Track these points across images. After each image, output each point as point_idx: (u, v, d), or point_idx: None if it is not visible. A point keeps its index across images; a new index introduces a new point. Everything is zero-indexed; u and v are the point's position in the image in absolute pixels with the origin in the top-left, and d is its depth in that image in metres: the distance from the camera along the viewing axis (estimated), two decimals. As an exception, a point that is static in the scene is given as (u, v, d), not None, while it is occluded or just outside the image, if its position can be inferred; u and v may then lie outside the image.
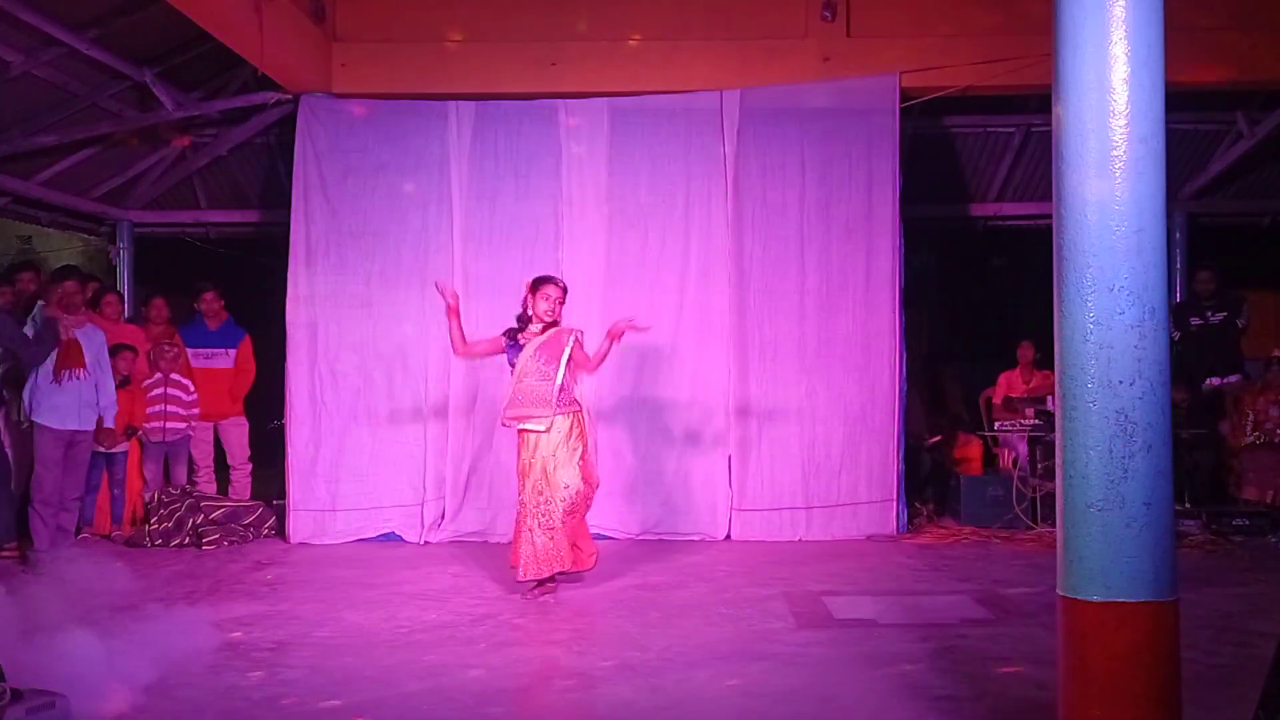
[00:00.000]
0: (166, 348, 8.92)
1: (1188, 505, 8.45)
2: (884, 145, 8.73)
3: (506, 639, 5.59)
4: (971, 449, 10.06)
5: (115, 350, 8.58)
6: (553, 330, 6.50)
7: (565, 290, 6.60)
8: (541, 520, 6.33)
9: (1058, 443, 3.53)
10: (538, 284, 6.55)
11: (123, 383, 8.56)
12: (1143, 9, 3.42)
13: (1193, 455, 8.81)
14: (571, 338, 6.48)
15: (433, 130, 8.81)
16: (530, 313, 6.52)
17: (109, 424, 8.08)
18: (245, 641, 5.51)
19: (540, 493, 6.35)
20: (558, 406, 6.37)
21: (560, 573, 6.45)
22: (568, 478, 6.38)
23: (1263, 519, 8.43)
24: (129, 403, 8.61)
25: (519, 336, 6.53)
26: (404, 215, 8.77)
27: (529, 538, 6.34)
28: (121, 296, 9.63)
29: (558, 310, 6.52)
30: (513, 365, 6.50)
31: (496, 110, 8.83)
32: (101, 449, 8.30)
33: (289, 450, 8.61)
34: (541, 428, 6.37)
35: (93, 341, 7.93)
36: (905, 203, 8.85)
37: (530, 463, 6.40)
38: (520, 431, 6.46)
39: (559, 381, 6.38)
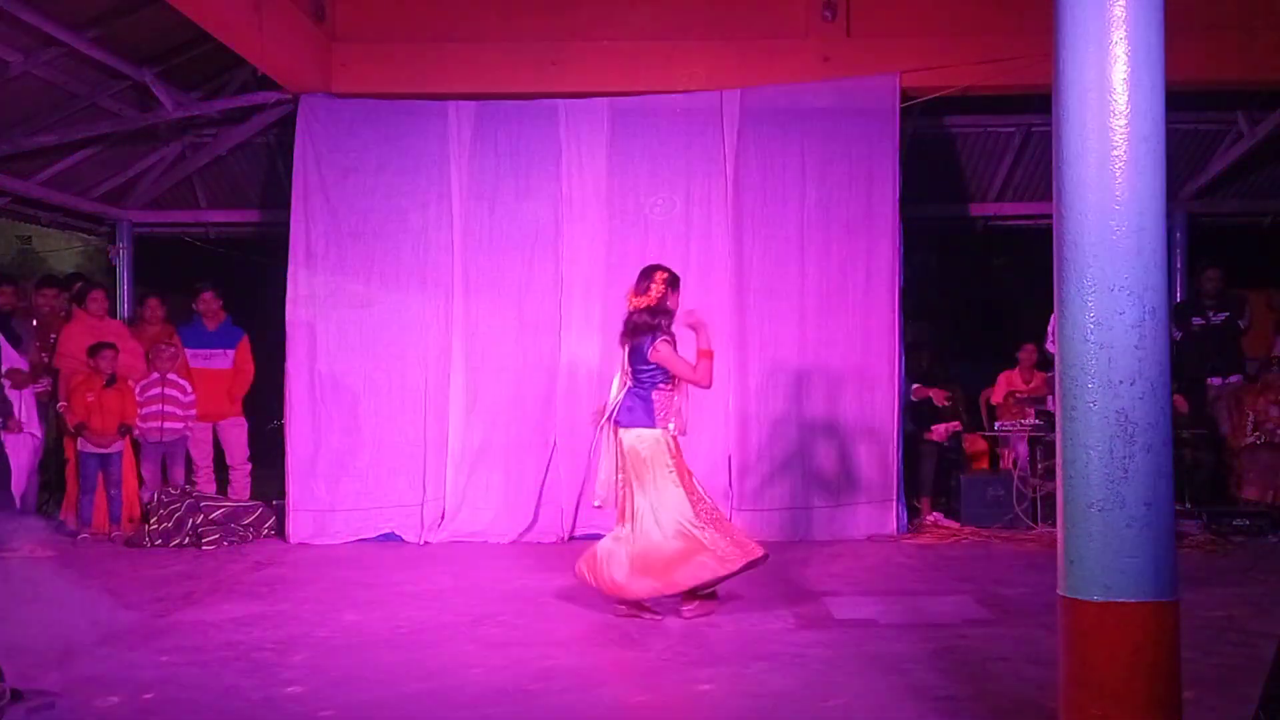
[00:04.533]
0: (164, 348, 8.92)
1: (1188, 505, 8.45)
2: (884, 145, 8.73)
3: (506, 639, 5.59)
4: (978, 448, 10.03)
5: (96, 349, 8.61)
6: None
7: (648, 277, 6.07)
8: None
9: (1058, 443, 3.53)
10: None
11: (109, 381, 8.58)
12: (1143, 9, 3.42)
13: (1193, 455, 8.81)
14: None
15: (432, 130, 8.81)
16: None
17: None
18: (245, 641, 5.51)
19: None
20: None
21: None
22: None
23: (1263, 519, 8.42)
24: (119, 401, 8.63)
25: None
26: (404, 215, 8.77)
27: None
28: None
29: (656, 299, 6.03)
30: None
31: (496, 110, 8.83)
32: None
33: (289, 450, 8.61)
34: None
35: None
36: (905, 203, 8.85)
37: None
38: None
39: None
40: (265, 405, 9.86)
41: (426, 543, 8.39)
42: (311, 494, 8.53)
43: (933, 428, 9.51)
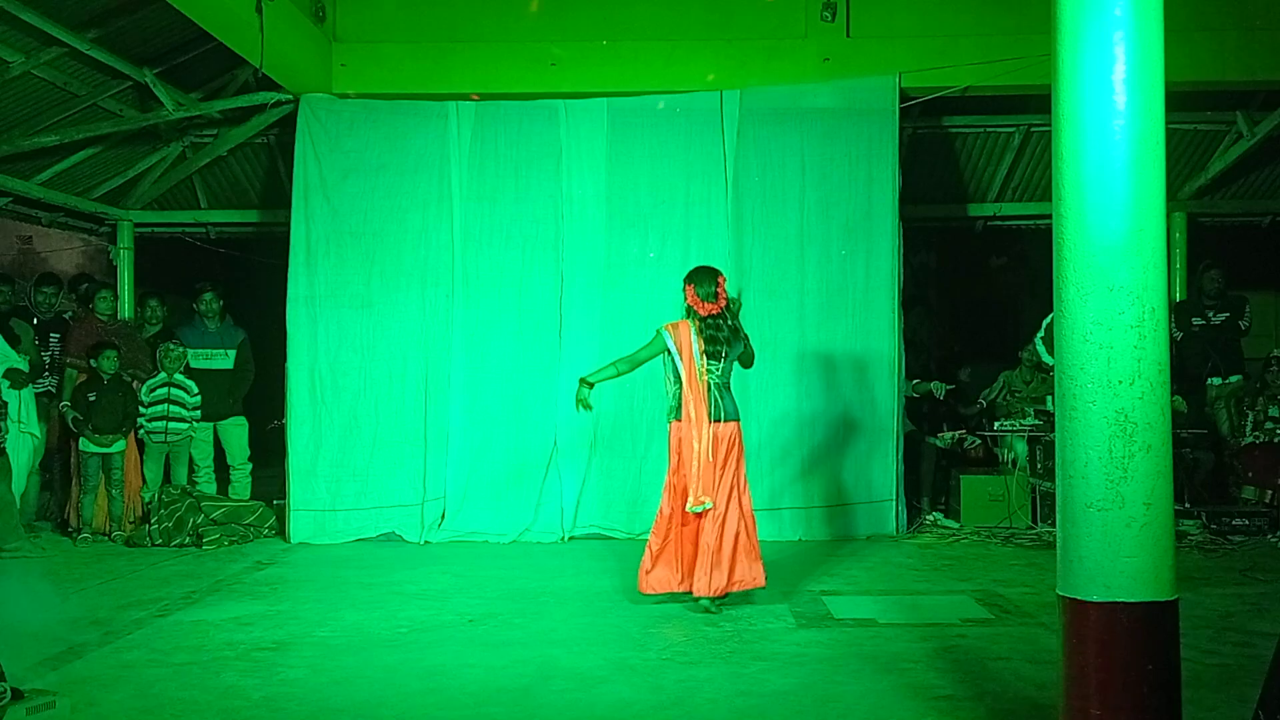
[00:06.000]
0: (171, 348, 8.93)
1: (1188, 505, 8.45)
2: (884, 145, 8.74)
3: (506, 639, 5.59)
4: (978, 448, 10.03)
5: (97, 349, 8.65)
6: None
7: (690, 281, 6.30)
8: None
9: (1058, 442, 3.53)
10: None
11: (110, 381, 8.60)
12: (1143, 9, 3.42)
13: (1193, 455, 8.81)
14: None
15: (433, 130, 8.81)
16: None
17: None
18: (245, 641, 5.51)
19: None
20: None
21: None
22: None
23: (1262, 519, 8.44)
24: (120, 400, 8.65)
25: None
26: (404, 215, 8.77)
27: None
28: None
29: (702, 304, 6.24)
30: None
31: (496, 110, 8.83)
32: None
33: (289, 450, 8.61)
34: None
35: None
36: (905, 203, 8.86)
37: None
38: None
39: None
40: (265, 405, 9.85)
41: (426, 542, 8.39)
42: (312, 494, 8.53)
43: (938, 435, 9.51)
